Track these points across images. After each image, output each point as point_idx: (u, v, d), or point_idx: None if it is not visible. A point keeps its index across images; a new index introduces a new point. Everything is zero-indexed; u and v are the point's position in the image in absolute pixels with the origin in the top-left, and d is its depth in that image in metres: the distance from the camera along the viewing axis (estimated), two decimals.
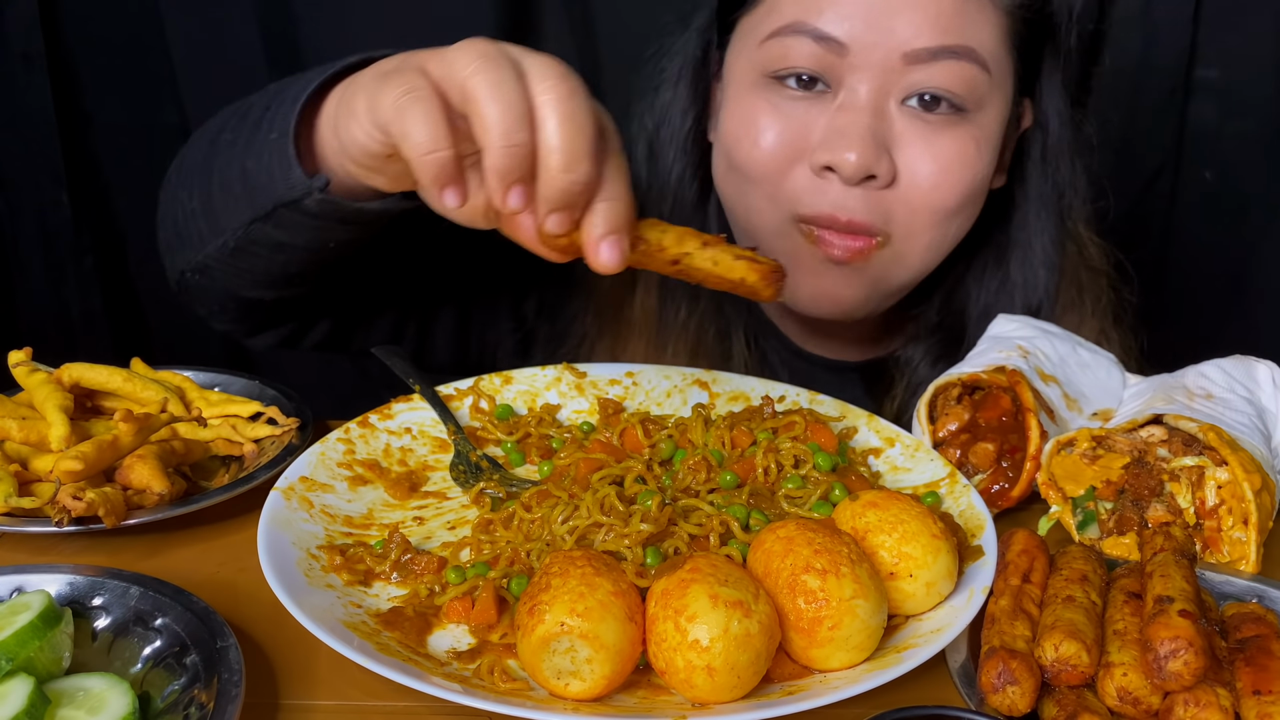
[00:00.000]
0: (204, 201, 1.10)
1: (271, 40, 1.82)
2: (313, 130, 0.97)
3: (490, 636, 0.83)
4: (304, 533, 0.91)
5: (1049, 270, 1.30)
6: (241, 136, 1.04)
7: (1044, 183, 1.29)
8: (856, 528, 0.86)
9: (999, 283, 1.31)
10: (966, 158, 1.16)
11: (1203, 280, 2.00)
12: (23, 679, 0.72)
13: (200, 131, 1.19)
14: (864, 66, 1.13)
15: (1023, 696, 0.76)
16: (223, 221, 1.07)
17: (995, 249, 1.31)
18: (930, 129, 1.14)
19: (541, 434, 1.10)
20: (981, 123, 1.17)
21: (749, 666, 0.74)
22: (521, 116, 0.75)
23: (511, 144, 0.75)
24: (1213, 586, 0.91)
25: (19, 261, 1.94)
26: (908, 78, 1.13)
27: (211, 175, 1.08)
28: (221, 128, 1.11)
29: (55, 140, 1.84)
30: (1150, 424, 1.00)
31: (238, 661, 0.75)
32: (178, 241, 1.16)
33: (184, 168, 1.16)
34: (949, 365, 1.27)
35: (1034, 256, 1.30)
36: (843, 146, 1.11)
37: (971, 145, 1.16)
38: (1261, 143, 1.88)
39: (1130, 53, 1.88)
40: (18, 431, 1.00)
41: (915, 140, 1.14)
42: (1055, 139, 1.28)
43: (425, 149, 0.76)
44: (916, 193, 1.15)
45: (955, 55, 1.12)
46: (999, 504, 1.03)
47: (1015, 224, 1.30)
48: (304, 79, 0.99)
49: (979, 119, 1.17)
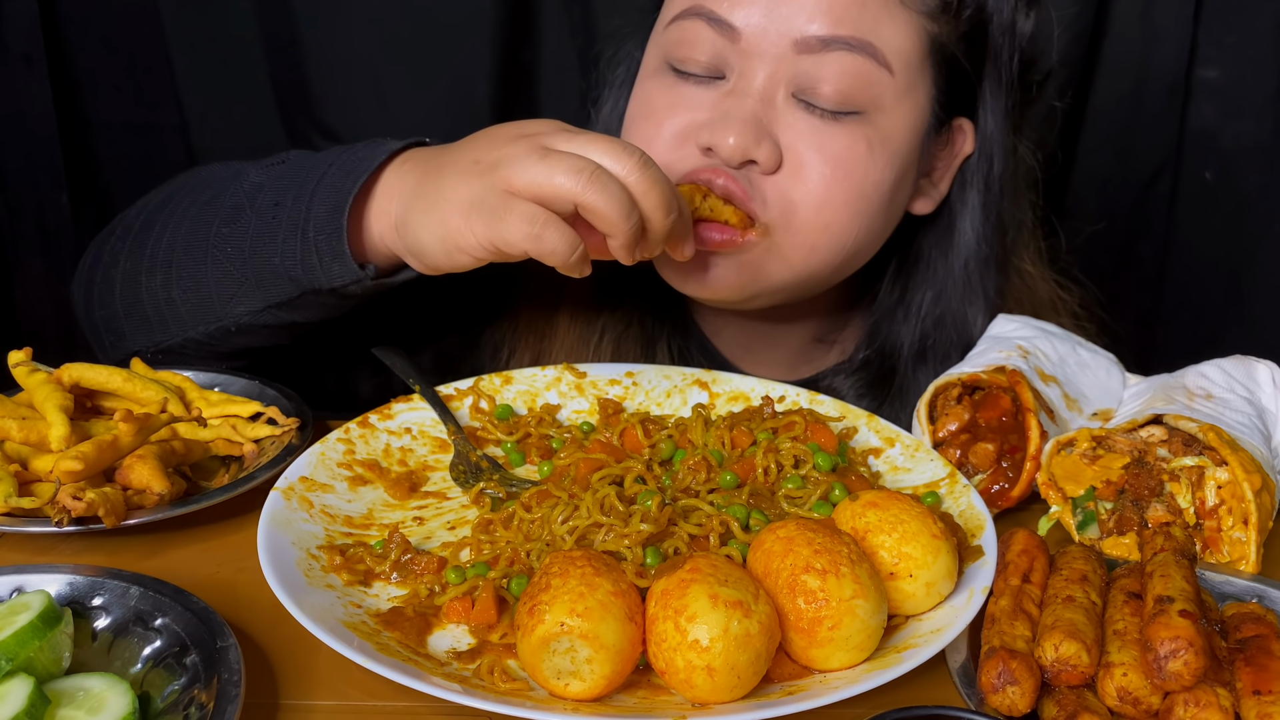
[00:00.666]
0: (190, 291, 1.12)
1: (271, 40, 1.82)
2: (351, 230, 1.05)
3: (490, 636, 0.83)
4: (304, 533, 0.91)
5: (988, 303, 1.26)
6: (246, 233, 1.09)
7: (986, 211, 1.25)
8: (856, 528, 0.86)
9: (935, 320, 1.27)
10: (856, 157, 1.11)
11: (1203, 280, 1.99)
12: (23, 679, 0.72)
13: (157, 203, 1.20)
14: (755, 53, 1.12)
15: (1023, 696, 0.76)
16: (221, 310, 1.12)
17: (933, 283, 1.27)
18: (820, 123, 1.11)
19: (541, 434, 1.10)
20: (879, 124, 1.12)
21: (749, 666, 0.74)
22: (628, 204, 0.95)
23: (632, 226, 0.95)
24: (1213, 586, 0.91)
25: (19, 261, 1.94)
26: (798, 67, 1.11)
27: (203, 266, 1.11)
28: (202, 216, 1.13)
29: (55, 141, 1.84)
30: (1150, 424, 1.00)
31: (238, 661, 0.75)
32: (139, 325, 1.17)
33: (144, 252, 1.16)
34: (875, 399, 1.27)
35: (974, 290, 1.26)
36: (725, 128, 1.10)
37: (862, 145, 1.12)
38: (1261, 143, 1.87)
39: (1130, 53, 1.88)
40: (18, 431, 1.00)
41: (804, 132, 1.11)
42: (999, 169, 1.24)
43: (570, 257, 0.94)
44: (799, 185, 1.11)
45: (849, 47, 1.10)
46: (999, 504, 1.03)
47: (957, 255, 1.26)
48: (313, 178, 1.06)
49: (876, 120, 1.12)
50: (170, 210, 1.17)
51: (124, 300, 1.18)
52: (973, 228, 1.25)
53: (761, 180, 1.12)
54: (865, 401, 1.27)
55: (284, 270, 1.07)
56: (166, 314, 1.14)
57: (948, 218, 1.27)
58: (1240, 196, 1.92)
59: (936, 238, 1.27)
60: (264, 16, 1.81)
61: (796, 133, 1.11)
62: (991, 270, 1.26)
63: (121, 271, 1.18)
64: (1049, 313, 1.32)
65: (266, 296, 1.09)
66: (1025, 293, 1.31)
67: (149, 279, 1.15)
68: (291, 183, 1.08)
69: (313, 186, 1.06)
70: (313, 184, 1.06)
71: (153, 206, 1.21)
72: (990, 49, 1.20)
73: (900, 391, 1.28)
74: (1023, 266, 1.31)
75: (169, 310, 1.14)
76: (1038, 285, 1.33)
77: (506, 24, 1.81)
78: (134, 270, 1.17)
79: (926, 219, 1.27)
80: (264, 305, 1.10)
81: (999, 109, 1.22)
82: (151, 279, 1.15)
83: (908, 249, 1.29)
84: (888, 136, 1.14)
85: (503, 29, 1.81)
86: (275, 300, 1.09)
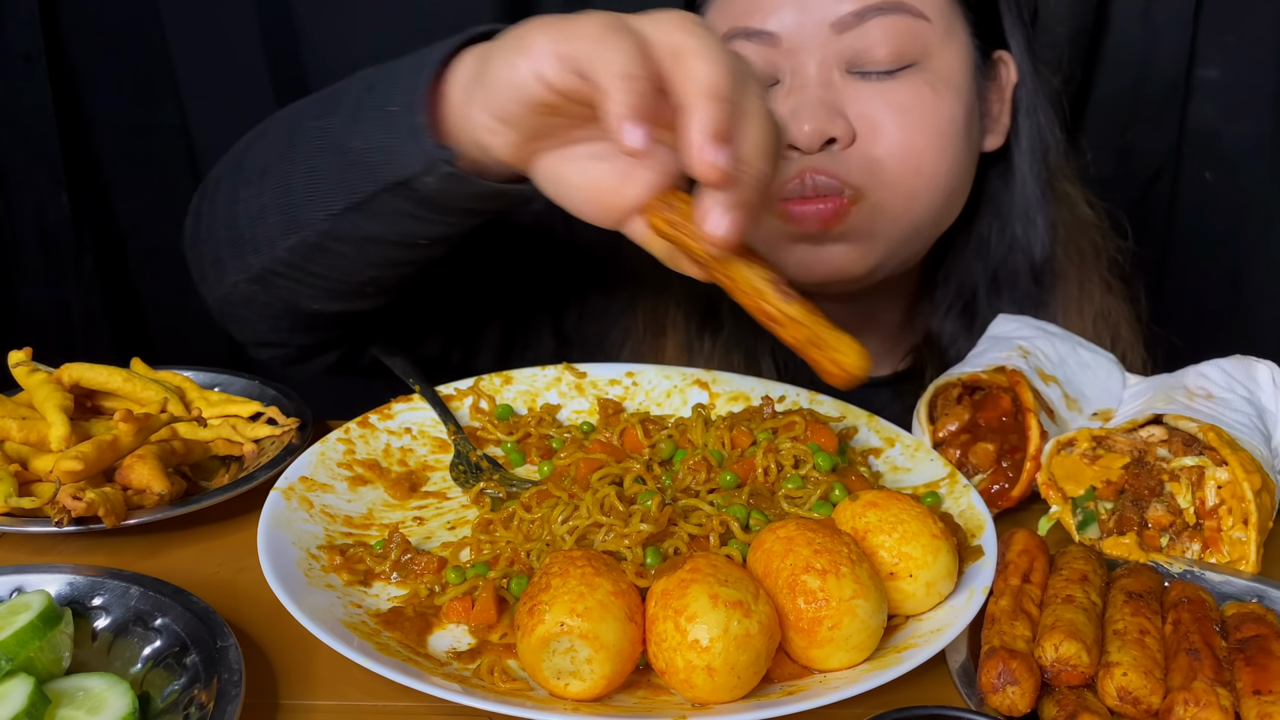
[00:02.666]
0: (279, 195, 1.04)
1: (271, 39, 1.82)
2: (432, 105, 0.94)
3: (490, 636, 0.83)
4: (304, 533, 0.91)
5: (1047, 225, 1.31)
6: (337, 122, 1.01)
7: (1034, 137, 1.30)
8: (856, 528, 0.86)
9: (1005, 248, 1.31)
10: (924, 101, 1.16)
11: (1203, 280, 1.99)
12: (23, 679, 0.72)
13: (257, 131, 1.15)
14: (799, 49, 1.15)
15: (1023, 696, 0.76)
16: (306, 213, 1.02)
17: (998, 216, 1.32)
18: (880, 85, 1.16)
19: (541, 434, 1.10)
20: (935, 68, 1.17)
21: (749, 666, 0.74)
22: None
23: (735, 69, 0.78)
24: (1213, 586, 0.91)
25: (19, 261, 1.94)
26: (843, 44, 1.15)
27: (294, 165, 1.03)
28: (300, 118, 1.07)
29: (55, 140, 1.84)
30: (1150, 424, 1.00)
31: (238, 661, 0.75)
32: (234, 248, 1.10)
33: (243, 167, 1.11)
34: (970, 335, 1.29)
35: (1033, 212, 1.30)
36: (796, 123, 1.13)
37: (927, 89, 1.16)
38: (1261, 143, 1.87)
39: (1130, 53, 1.88)
40: (18, 431, 1.00)
41: (870, 96, 1.16)
42: (1030, 90, 1.29)
43: (628, 72, 0.76)
44: (879, 144, 1.16)
45: (883, 10, 1.14)
46: (999, 504, 1.03)
47: (1016, 184, 1.31)
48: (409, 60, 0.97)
49: (932, 65, 1.17)
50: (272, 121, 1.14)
51: (225, 221, 1.12)
52: (1024, 154, 1.30)
53: (843, 155, 1.15)
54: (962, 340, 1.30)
55: (363, 156, 0.97)
56: (259, 229, 1.07)
57: (1005, 149, 1.31)
58: (1240, 196, 1.92)
59: (999, 170, 1.31)
60: (264, 16, 1.81)
61: (862, 100, 1.15)
62: (1045, 191, 1.31)
63: (223, 192, 1.13)
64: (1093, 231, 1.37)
65: (347, 192, 1.00)
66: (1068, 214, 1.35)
67: (245, 191, 1.09)
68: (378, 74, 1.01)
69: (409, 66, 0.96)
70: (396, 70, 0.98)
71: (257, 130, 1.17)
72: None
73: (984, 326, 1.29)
74: (1062, 186, 1.35)
75: (260, 224, 1.07)
76: (1078, 204, 1.37)
77: (506, 23, 1.81)
78: (233, 186, 1.11)
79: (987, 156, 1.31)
80: (343, 205, 1.00)
81: (1021, 38, 1.28)
82: (249, 190, 1.09)
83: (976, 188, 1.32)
84: (946, 76, 1.18)
85: None
86: (353, 198, 0.99)
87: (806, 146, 1.13)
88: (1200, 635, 0.80)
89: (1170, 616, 0.84)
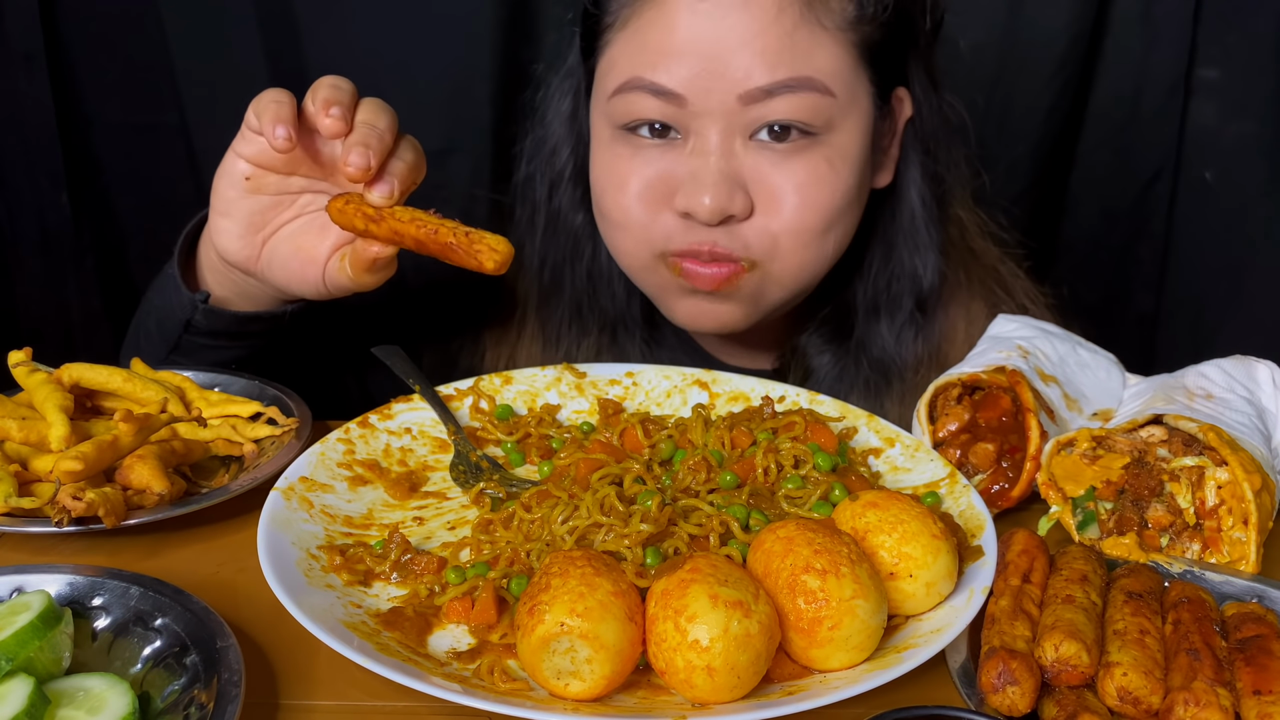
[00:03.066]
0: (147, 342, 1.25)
1: (271, 40, 1.82)
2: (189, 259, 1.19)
3: (490, 636, 0.83)
4: (304, 533, 0.91)
5: (936, 254, 1.32)
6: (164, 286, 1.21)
7: (927, 169, 1.31)
8: (856, 528, 0.86)
9: (888, 276, 1.33)
10: (821, 177, 1.17)
11: (1203, 280, 1.99)
12: (23, 679, 0.72)
13: None
14: (704, 113, 1.15)
15: (1023, 696, 0.76)
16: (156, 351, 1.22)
17: (883, 243, 1.33)
18: (781, 157, 1.16)
19: (541, 434, 1.10)
20: (835, 142, 1.18)
21: (749, 666, 0.74)
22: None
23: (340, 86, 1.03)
24: (1213, 586, 0.91)
25: (19, 261, 1.94)
26: (748, 116, 1.15)
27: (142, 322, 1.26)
28: None
29: (55, 140, 1.84)
30: (1150, 424, 1.00)
31: (238, 661, 0.75)
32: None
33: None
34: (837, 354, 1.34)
35: (921, 243, 1.31)
36: (697, 192, 1.15)
37: (824, 165, 1.17)
38: (1261, 143, 1.87)
39: (1130, 53, 1.88)
40: (18, 431, 1.00)
41: (769, 171, 1.16)
42: (928, 124, 1.29)
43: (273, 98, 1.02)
44: (776, 219, 1.17)
45: (791, 88, 1.14)
46: (999, 504, 1.03)
47: (904, 215, 1.32)
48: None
49: (831, 139, 1.18)
50: None
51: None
52: (915, 183, 1.31)
53: (740, 229, 1.18)
54: (828, 355, 1.34)
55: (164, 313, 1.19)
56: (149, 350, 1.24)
57: (895, 181, 1.32)
58: (1240, 196, 1.92)
59: (885, 201, 1.32)
60: (264, 16, 1.81)
61: (761, 172, 1.17)
62: (934, 220, 1.32)
63: None
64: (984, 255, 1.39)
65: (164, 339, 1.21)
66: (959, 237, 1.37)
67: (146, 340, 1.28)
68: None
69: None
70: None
71: None
72: (909, 26, 1.25)
73: (859, 344, 1.34)
74: (957, 213, 1.36)
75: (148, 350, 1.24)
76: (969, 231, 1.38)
77: (506, 24, 1.81)
78: None
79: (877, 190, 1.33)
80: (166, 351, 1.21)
81: (921, 70, 1.28)
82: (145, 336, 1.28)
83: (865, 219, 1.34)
84: (844, 150, 1.19)
85: (502, 28, 1.81)
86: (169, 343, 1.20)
87: (706, 220, 1.15)
88: (1200, 635, 0.80)
89: (1170, 616, 0.84)
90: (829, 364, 1.33)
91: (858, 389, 1.32)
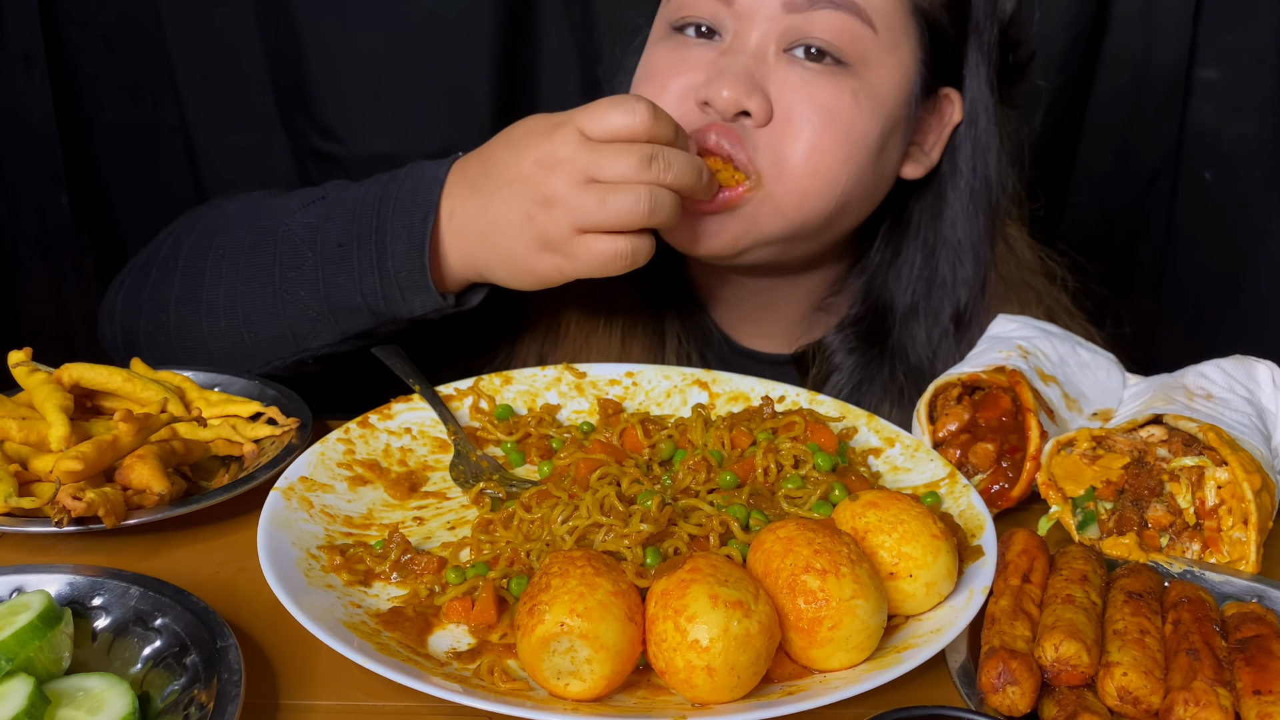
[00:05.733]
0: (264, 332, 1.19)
1: (271, 40, 1.82)
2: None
3: (490, 636, 0.83)
4: (304, 533, 0.91)
5: (977, 267, 1.31)
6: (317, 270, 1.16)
7: (973, 178, 1.30)
8: (856, 528, 0.86)
9: (926, 281, 1.32)
10: (842, 106, 1.17)
11: (1203, 280, 1.99)
12: (23, 679, 0.72)
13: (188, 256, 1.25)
14: (748, 14, 1.18)
15: (1023, 696, 0.76)
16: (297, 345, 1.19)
17: (924, 246, 1.32)
18: (810, 74, 1.17)
19: (541, 434, 1.10)
20: (865, 78, 1.18)
21: (749, 666, 0.74)
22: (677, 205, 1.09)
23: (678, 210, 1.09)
24: (1213, 586, 0.91)
25: (19, 261, 1.94)
26: (788, 24, 1.17)
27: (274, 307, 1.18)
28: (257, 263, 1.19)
29: (55, 140, 1.84)
30: (1150, 424, 1.00)
31: (238, 661, 0.75)
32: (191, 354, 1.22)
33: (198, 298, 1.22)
34: (866, 355, 1.31)
35: (964, 253, 1.31)
36: (719, 83, 1.16)
37: (849, 96, 1.17)
38: (1261, 143, 1.87)
39: (1130, 53, 1.88)
40: (18, 431, 1.00)
41: (794, 84, 1.17)
42: (983, 134, 1.29)
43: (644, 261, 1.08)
44: (789, 135, 1.17)
45: (834, 6, 1.16)
46: (999, 504, 1.03)
47: (946, 221, 1.31)
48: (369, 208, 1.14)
49: (863, 74, 1.18)
50: (219, 256, 1.22)
51: (183, 343, 1.24)
52: (961, 194, 1.31)
53: (754, 132, 1.18)
54: (856, 357, 1.33)
55: (365, 305, 1.15)
56: (237, 354, 1.21)
57: (938, 184, 1.32)
58: (1240, 196, 1.92)
59: (927, 203, 1.32)
60: (263, 16, 1.81)
61: (787, 84, 1.17)
62: (982, 235, 1.31)
63: (176, 316, 1.24)
64: (1034, 277, 1.37)
65: (344, 329, 1.18)
66: (1009, 257, 1.36)
67: (211, 324, 1.21)
68: (348, 222, 1.15)
69: (375, 224, 1.14)
70: (373, 223, 1.14)
71: (189, 250, 1.26)
72: (972, 19, 1.26)
73: (894, 351, 1.32)
74: (1007, 231, 1.36)
75: (239, 351, 1.21)
76: (1022, 251, 1.37)
77: (506, 23, 1.81)
78: (192, 315, 1.23)
79: (917, 184, 1.32)
80: (341, 337, 1.18)
81: (983, 78, 1.28)
82: (215, 324, 1.21)
83: (900, 213, 1.34)
84: (873, 90, 1.19)
85: (502, 28, 1.81)
86: (353, 331, 1.18)
87: (721, 110, 1.17)
88: (1200, 635, 0.80)
89: (1170, 616, 0.84)
90: (854, 365, 1.31)
91: (891, 396, 1.30)
